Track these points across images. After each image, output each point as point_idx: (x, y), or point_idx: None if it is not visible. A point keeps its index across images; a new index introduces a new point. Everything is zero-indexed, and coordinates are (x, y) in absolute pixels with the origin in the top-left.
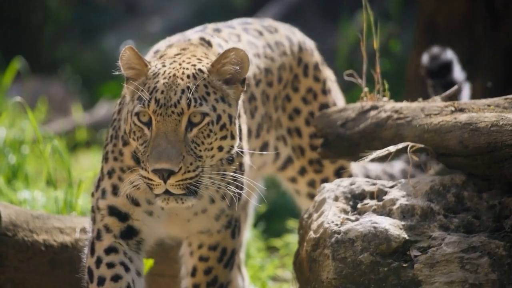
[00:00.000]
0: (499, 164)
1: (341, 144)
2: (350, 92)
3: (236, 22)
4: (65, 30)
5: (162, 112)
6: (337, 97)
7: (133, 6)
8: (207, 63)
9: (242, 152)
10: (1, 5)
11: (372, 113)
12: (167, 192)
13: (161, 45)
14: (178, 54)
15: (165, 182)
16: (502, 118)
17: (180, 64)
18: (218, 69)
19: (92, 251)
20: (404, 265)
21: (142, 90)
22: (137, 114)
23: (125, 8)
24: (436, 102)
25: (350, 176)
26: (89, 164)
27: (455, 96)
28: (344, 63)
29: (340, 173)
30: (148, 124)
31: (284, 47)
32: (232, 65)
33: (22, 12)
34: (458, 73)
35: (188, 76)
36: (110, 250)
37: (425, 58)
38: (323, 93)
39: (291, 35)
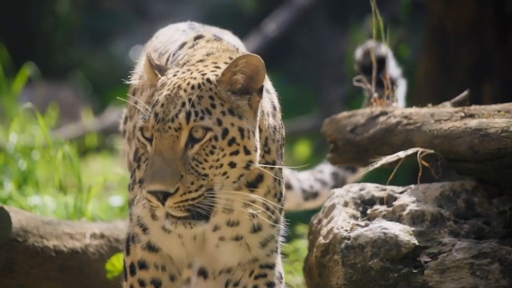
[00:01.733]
0: (510, 169)
1: (350, 150)
2: (359, 97)
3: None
4: (75, 36)
5: (159, 128)
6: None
7: (142, 11)
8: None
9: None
10: (12, 12)
11: (382, 118)
12: (169, 214)
13: (187, 36)
14: (200, 61)
15: (163, 204)
16: None
17: (191, 73)
18: (229, 78)
19: (128, 250)
20: (414, 271)
21: (148, 103)
22: (141, 129)
23: (135, 13)
24: (446, 108)
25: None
26: (99, 170)
27: (465, 102)
28: (354, 69)
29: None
30: (151, 140)
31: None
32: (243, 74)
33: (33, 18)
34: (392, 68)
35: (192, 87)
36: (141, 265)
37: (358, 53)
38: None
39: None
